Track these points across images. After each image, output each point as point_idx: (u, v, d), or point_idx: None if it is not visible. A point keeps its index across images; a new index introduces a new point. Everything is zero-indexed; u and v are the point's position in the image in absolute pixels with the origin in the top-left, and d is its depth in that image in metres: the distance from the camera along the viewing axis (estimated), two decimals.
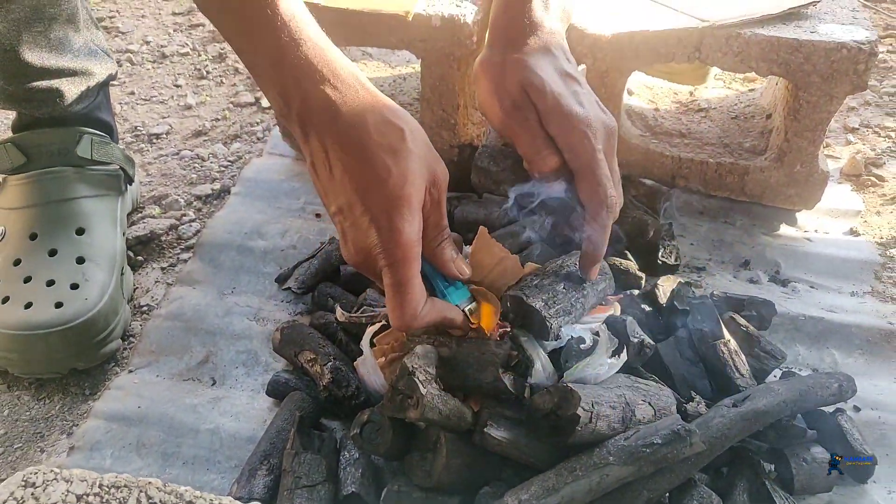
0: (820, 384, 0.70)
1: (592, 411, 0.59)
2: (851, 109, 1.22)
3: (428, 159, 0.58)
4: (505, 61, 0.67)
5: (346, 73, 0.57)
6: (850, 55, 0.84)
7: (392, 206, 0.55)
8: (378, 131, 0.56)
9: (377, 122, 0.56)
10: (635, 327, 0.70)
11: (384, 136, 0.56)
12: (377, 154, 0.56)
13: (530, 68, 0.65)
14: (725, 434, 0.64)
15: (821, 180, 0.95)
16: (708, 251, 0.94)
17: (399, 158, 0.56)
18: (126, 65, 1.32)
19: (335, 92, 0.56)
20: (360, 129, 0.56)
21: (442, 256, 0.62)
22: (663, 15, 0.90)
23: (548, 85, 0.64)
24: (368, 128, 0.56)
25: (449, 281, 0.64)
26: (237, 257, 0.92)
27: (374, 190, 0.55)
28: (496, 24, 0.70)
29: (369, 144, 0.56)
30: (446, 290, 0.64)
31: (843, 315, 0.85)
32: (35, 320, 0.75)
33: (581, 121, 0.64)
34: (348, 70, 0.57)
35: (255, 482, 0.65)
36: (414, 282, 0.57)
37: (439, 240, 0.61)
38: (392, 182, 0.55)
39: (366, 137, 0.56)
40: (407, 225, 0.55)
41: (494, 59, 0.68)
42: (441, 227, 0.61)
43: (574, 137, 0.64)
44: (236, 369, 0.80)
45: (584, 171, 0.64)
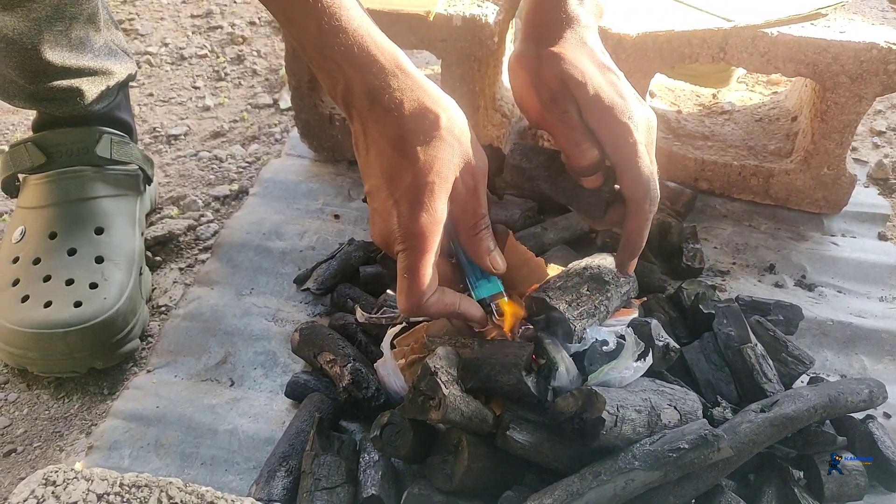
0: (850, 390, 0.68)
1: (617, 415, 0.58)
2: (878, 113, 1.20)
3: (463, 147, 0.58)
4: (541, 55, 0.66)
5: (386, 58, 0.57)
6: (881, 55, 0.82)
7: (414, 192, 0.56)
8: (413, 117, 0.56)
9: (413, 109, 0.56)
10: (660, 330, 0.69)
11: (419, 123, 0.56)
12: (408, 140, 0.56)
13: (569, 61, 0.64)
14: (753, 440, 0.63)
15: (848, 183, 0.93)
16: (732, 255, 0.92)
17: (430, 146, 0.56)
18: (145, 66, 1.33)
19: (374, 78, 0.56)
20: (396, 114, 0.56)
21: (477, 246, 0.61)
22: (688, 15, 0.89)
23: (588, 77, 0.63)
24: (404, 113, 0.56)
25: (482, 274, 0.63)
26: (255, 258, 0.92)
27: (400, 175, 0.56)
28: (530, 18, 0.69)
29: (403, 130, 0.56)
30: (477, 283, 0.63)
31: (872, 320, 0.84)
32: (54, 319, 0.75)
33: (622, 113, 0.63)
34: (390, 55, 0.57)
35: (274, 484, 0.64)
36: (424, 269, 0.57)
37: (477, 229, 0.61)
38: (418, 168, 0.56)
39: (400, 123, 0.56)
40: (425, 213, 0.56)
41: (530, 53, 0.67)
42: (478, 216, 0.60)
43: (616, 130, 0.63)
44: (255, 370, 0.79)
45: (627, 163, 0.63)
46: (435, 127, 0.57)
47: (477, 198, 0.60)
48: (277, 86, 1.28)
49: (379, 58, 0.57)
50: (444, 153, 0.57)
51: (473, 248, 0.61)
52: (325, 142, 1.05)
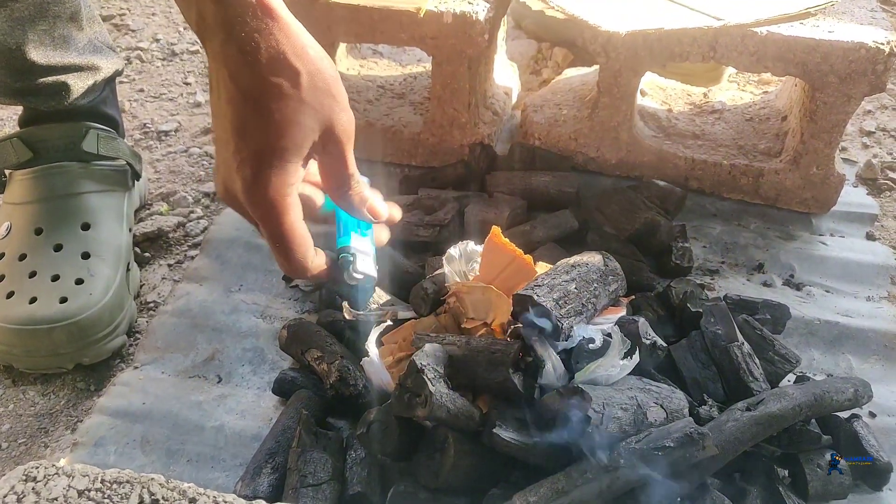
0: (835, 389, 0.68)
1: (603, 413, 0.58)
2: (868, 113, 1.20)
3: (324, 110, 0.52)
4: None
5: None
6: (869, 55, 0.82)
7: (262, 157, 0.51)
8: (270, 68, 0.50)
9: (271, 57, 0.50)
10: (648, 329, 0.69)
11: (276, 75, 0.50)
12: (263, 95, 0.50)
13: None
14: (738, 438, 0.63)
15: (837, 183, 0.93)
16: (721, 254, 0.93)
17: (286, 106, 0.50)
18: (136, 62, 1.32)
19: (232, 10, 0.48)
20: (251, 59, 0.49)
21: (349, 204, 0.58)
22: (678, 14, 0.89)
23: None
24: (260, 61, 0.49)
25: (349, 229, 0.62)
26: (244, 254, 0.92)
27: (250, 133, 0.51)
28: None
29: (257, 81, 0.50)
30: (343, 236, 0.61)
31: (858, 320, 0.84)
32: (39, 315, 0.75)
33: None
34: None
35: (260, 480, 0.64)
36: (289, 233, 0.54)
37: (344, 189, 0.58)
38: (269, 130, 0.51)
39: (255, 72, 0.50)
40: (274, 178, 0.51)
41: None
42: (344, 178, 0.57)
43: None
44: (242, 367, 0.79)
45: None
46: (294, 84, 0.50)
47: (341, 161, 0.56)
48: None
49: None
50: (300, 116, 0.51)
51: (346, 207, 0.59)
52: None
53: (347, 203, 0.59)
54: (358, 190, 0.58)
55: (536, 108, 1.02)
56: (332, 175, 0.57)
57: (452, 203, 0.89)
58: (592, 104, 0.95)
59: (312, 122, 0.52)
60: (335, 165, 0.56)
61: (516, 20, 1.35)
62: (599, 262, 0.74)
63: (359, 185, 0.59)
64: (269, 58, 0.49)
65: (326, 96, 0.52)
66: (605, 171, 1.00)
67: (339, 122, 0.54)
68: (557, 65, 1.26)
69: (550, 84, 1.09)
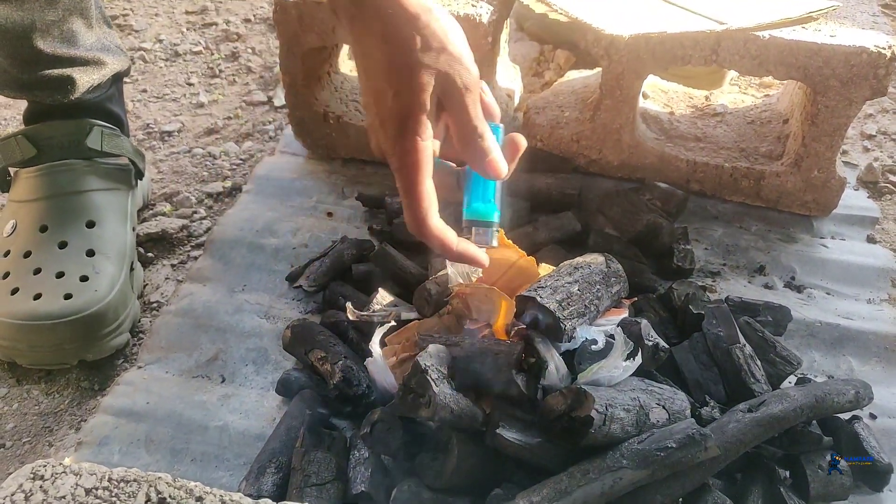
0: (836, 390, 0.69)
1: (606, 414, 0.58)
2: (869, 117, 1.21)
3: (440, 64, 0.57)
4: None
5: None
6: (871, 59, 0.83)
7: (396, 117, 0.57)
8: (393, 37, 0.56)
9: (387, 31, 0.56)
10: (650, 330, 0.69)
11: (399, 42, 0.56)
12: (390, 62, 0.56)
13: None
14: (740, 439, 0.63)
15: (838, 186, 0.94)
16: (722, 256, 0.93)
17: (411, 68, 0.56)
18: (139, 63, 1.32)
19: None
20: (378, 28, 0.56)
21: (472, 153, 0.60)
22: (681, 17, 0.89)
23: None
24: (387, 30, 0.56)
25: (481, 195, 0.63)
26: (248, 255, 0.92)
27: (384, 97, 0.57)
28: None
29: (384, 51, 0.56)
30: (471, 203, 0.63)
31: (859, 322, 0.84)
32: (43, 311, 0.75)
33: None
34: None
35: (264, 480, 0.64)
36: (418, 188, 0.58)
37: (467, 140, 0.60)
38: (398, 92, 0.56)
39: (383, 41, 0.56)
40: (407, 137, 0.57)
41: None
42: (468, 128, 0.59)
43: None
44: (246, 367, 0.79)
45: None
46: (409, 48, 0.56)
47: (464, 112, 0.59)
48: (272, 83, 1.28)
49: None
50: (424, 76, 0.56)
51: (469, 156, 0.61)
52: (318, 139, 1.05)
53: (471, 153, 0.60)
54: (480, 143, 0.60)
55: (539, 110, 1.02)
56: (458, 126, 0.59)
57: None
58: (595, 106, 0.96)
59: (428, 79, 0.56)
60: (459, 116, 0.59)
61: (519, 22, 1.36)
62: (602, 264, 0.74)
63: (482, 139, 0.60)
64: (383, 31, 0.56)
65: (442, 53, 0.57)
66: (608, 174, 1.01)
67: (458, 75, 0.57)
68: (560, 67, 1.27)
69: (553, 86, 1.09)
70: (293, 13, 0.93)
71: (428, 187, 0.59)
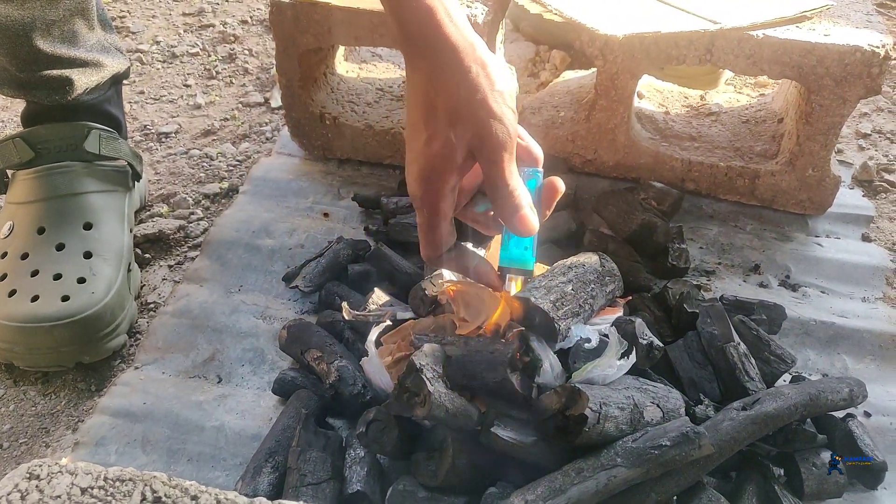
0: (830, 388, 0.69)
1: (600, 412, 0.59)
2: (864, 115, 1.21)
3: (472, 123, 0.58)
4: None
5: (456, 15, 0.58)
6: (865, 58, 0.83)
7: (421, 161, 0.59)
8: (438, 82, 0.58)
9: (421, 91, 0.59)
10: (644, 329, 0.69)
11: (440, 90, 0.58)
12: (429, 107, 0.58)
13: None
14: (734, 437, 0.63)
15: (832, 185, 0.94)
16: (717, 255, 0.93)
17: (442, 121, 0.58)
18: (136, 64, 1.33)
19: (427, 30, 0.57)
20: (413, 93, 0.59)
21: (502, 209, 0.61)
22: (675, 17, 0.90)
23: None
24: (417, 93, 0.59)
25: (517, 240, 0.64)
26: (245, 256, 0.92)
27: (417, 138, 0.60)
28: None
29: (427, 94, 0.58)
30: (508, 248, 0.64)
31: (854, 320, 0.85)
32: (41, 313, 0.75)
33: None
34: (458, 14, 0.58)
35: (260, 480, 0.64)
36: (432, 228, 0.62)
37: (499, 196, 0.60)
38: (428, 139, 0.59)
39: (427, 85, 0.58)
40: (429, 183, 0.60)
41: None
42: (499, 185, 0.60)
43: None
44: (242, 367, 0.80)
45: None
46: (456, 95, 0.57)
47: (497, 169, 0.59)
48: (269, 84, 1.29)
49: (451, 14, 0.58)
50: (459, 130, 0.58)
51: (499, 211, 0.61)
52: (315, 140, 1.05)
53: (501, 209, 0.61)
54: (511, 200, 0.60)
55: (534, 110, 1.02)
56: (490, 181, 0.60)
57: None
58: (590, 106, 0.96)
59: (463, 133, 0.58)
60: (491, 172, 0.60)
61: (515, 23, 1.36)
62: (596, 263, 0.75)
63: (512, 196, 0.60)
64: (430, 73, 0.58)
65: (482, 107, 0.58)
66: (603, 173, 1.01)
67: (494, 132, 0.58)
68: (555, 67, 1.27)
69: (548, 86, 1.10)
70: (289, 14, 0.93)
71: (443, 231, 0.61)
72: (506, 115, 0.59)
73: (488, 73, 0.58)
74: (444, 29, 0.57)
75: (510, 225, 0.61)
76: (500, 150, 0.59)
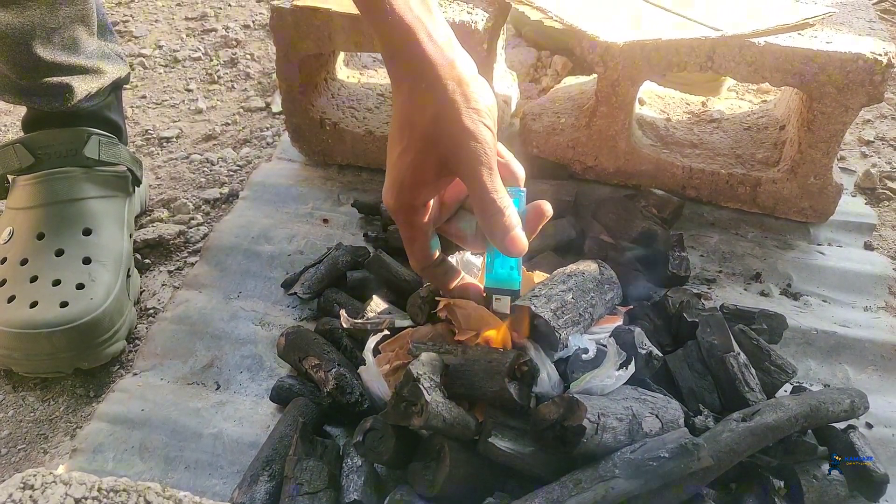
0: (831, 399, 0.69)
1: (598, 423, 0.58)
2: (867, 122, 1.21)
3: (459, 140, 0.58)
4: None
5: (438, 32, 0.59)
6: (867, 66, 0.83)
7: (394, 173, 0.60)
8: (416, 94, 0.59)
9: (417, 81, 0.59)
10: (644, 339, 0.69)
11: (418, 104, 0.59)
12: (404, 119, 0.59)
13: None
14: (734, 449, 0.63)
15: (835, 193, 0.94)
16: (718, 263, 0.93)
17: (420, 135, 0.59)
18: (138, 69, 1.33)
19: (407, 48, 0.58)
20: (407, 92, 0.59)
21: (492, 232, 0.60)
22: (676, 24, 0.89)
23: None
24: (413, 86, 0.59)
25: (501, 259, 0.64)
26: (244, 262, 0.92)
27: (393, 148, 0.61)
28: None
29: (404, 105, 0.59)
30: (491, 268, 0.64)
31: (856, 330, 0.84)
32: (40, 319, 0.75)
33: None
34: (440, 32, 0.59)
35: (257, 488, 0.64)
36: (414, 241, 0.64)
37: (485, 214, 0.59)
38: (401, 152, 0.60)
39: (405, 96, 0.59)
40: (400, 196, 0.60)
41: None
42: (484, 202, 0.59)
43: None
44: (241, 374, 0.80)
45: None
46: (428, 113, 0.58)
47: (478, 186, 0.58)
48: (270, 89, 1.29)
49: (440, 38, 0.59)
50: (429, 147, 0.58)
51: (489, 231, 0.60)
52: (315, 146, 1.05)
53: (490, 230, 0.60)
54: (501, 220, 0.59)
55: (535, 116, 1.02)
56: (475, 199, 0.60)
57: None
58: (591, 113, 0.96)
59: (432, 154, 0.59)
60: (476, 191, 0.59)
61: (517, 28, 1.36)
62: (595, 271, 0.74)
63: (502, 216, 0.59)
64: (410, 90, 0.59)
65: (455, 126, 0.58)
66: (603, 180, 1.01)
67: (466, 151, 0.58)
68: (557, 73, 1.27)
69: (549, 92, 1.09)
70: (289, 20, 0.93)
71: (421, 244, 0.63)
72: (481, 132, 0.58)
73: (465, 90, 0.58)
74: (423, 47, 0.57)
75: (500, 246, 0.60)
76: (477, 166, 0.58)
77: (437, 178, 0.60)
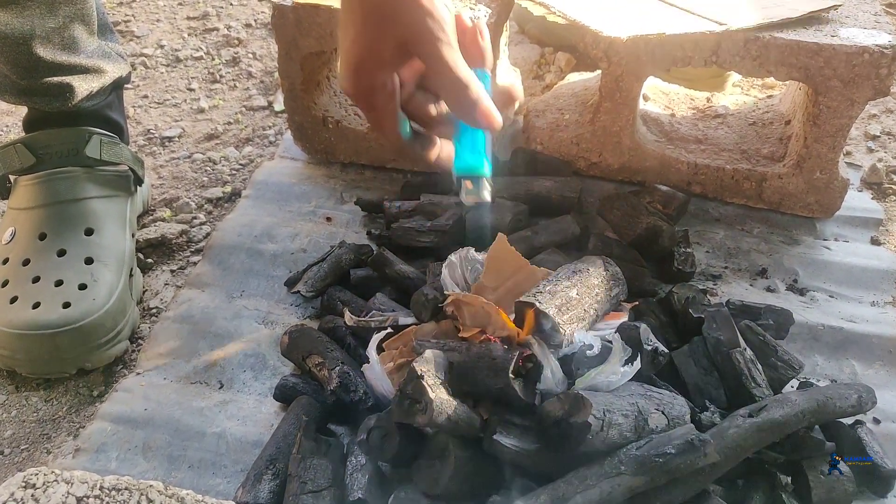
0: (839, 395, 0.68)
1: (604, 419, 0.58)
2: (873, 117, 1.20)
3: (412, 19, 0.56)
4: None
5: None
6: (873, 59, 0.82)
7: (346, 58, 0.58)
8: None
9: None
10: (649, 335, 0.68)
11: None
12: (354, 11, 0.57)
13: None
14: (741, 445, 0.63)
15: (841, 188, 0.93)
16: (724, 259, 0.92)
17: (357, 23, 0.57)
18: (140, 68, 1.33)
19: None
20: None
21: (460, 108, 0.58)
22: (680, 18, 0.89)
23: None
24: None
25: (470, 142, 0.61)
26: (247, 260, 0.92)
27: (345, 32, 0.58)
28: None
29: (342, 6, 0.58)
30: (461, 151, 0.61)
31: (863, 325, 0.83)
32: (42, 320, 0.75)
33: None
34: None
35: (261, 487, 0.64)
36: (384, 123, 0.60)
37: (453, 92, 0.58)
38: (354, 35, 0.57)
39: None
40: (359, 78, 0.58)
41: None
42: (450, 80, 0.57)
43: None
44: (244, 373, 0.79)
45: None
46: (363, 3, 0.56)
47: (443, 62, 0.57)
48: (272, 88, 1.28)
49: None
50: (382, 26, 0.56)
51: (457, 109, 0.59)
52: (318, 144, 1.05)
53: (458, 106, 0.58)
54: (467, 93, 0.57)
55: (539, 112, 1.02)
56: (436, 76, 0.58)
57: (454, 209, 0.89)
58: (594, 109, 0.95)
59: (387, 33, 0.56)
60: (437, 68, 0.57)
61: (520, 24, 1.35)
62: (600, 268, 0.74)
63: (467, 89, 0.57)
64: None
65: (407, 5, 0.56)
66: (608, 176, 1.00)
67: (423, 28, 0.56)
68: (560, 69, 1.26)
69: (553, 89, 1.09)
70: (291, 18, 0.93)
71: (388, 123, 0.60)
72: (436, 8, 0.56)
73: None
74: None
75: (470, 119, 0.58)
76: (435, 42, 0.56)
77: (395, 59, 0.58)
